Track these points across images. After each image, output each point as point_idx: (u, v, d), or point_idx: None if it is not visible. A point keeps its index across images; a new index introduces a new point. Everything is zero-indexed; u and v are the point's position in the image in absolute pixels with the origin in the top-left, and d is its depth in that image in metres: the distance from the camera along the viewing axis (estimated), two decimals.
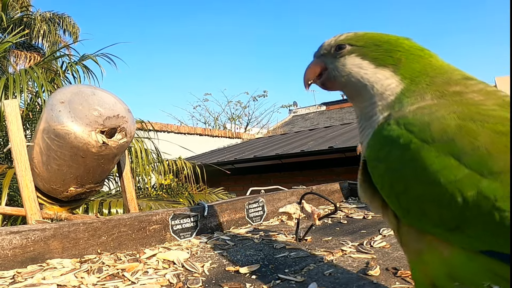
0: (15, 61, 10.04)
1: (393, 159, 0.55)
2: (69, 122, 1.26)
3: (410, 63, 0.63)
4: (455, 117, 0.52)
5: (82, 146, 1.26)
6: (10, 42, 5.52)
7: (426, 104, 0.57)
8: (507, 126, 0.49)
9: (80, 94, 1.35)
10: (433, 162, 0.50)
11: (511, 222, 0.44)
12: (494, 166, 0.46)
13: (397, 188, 0.54)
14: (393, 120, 0.58)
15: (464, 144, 0.49)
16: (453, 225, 0.49)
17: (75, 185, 1.42)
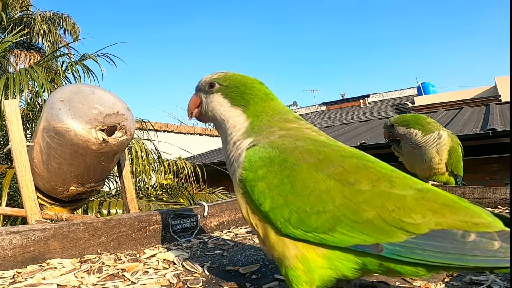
0: (15, 61, 10.03)
1: (271, 176, 0.65)
2: (69, 120, 1.26)
3: (255, 104, 0.79)
4: (311, 143, 0.68)
5: (82, 143, 1.26)
6: (10, 42, 5.51)
7: (284, 134, 0.72)
8: (347, 152, 0.67)
9: (80, 93, 1.35)
10: (307, 176, 0.63)
11: None
12: (350, 178, 0.61)
13: (278, 202, 0.63)
14: (265, 144, 0.69)
15: (328, 163, 0.64)
16: (326, 228, 0.60)
17: (75, 184, 1.42)
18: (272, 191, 0.64)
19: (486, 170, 4.59)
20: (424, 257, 0.56)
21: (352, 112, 17.19)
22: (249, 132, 0.76)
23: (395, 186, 0.61)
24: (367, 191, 0.60)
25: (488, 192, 1.75)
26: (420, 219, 0.57)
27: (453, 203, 0.60)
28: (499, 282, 0.78)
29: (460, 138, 1.98)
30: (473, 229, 0.56)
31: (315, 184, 0.62)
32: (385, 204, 0.59)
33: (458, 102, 11.24)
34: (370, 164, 0.64)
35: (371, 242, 0.58)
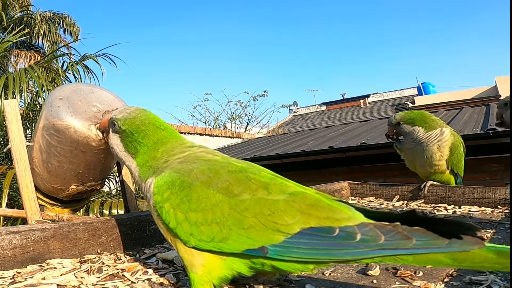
0: (15, 61, 10.03)
1: (174, 197, 0.73)
2: (68, 117, 1.26)
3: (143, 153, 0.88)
4: (204, 163, 0.77)
5: (82, 140, 1.26)
6: (10, 42, 5.51)
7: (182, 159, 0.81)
8: (234, 167, 0.76)
9: (79, 91, 1.35)
10: (200, 193, 0.72)
11: None
12: (234, 190, 0.70)
13: (180, 219, 0.72)
14: (168, 170, 0.79)
15: (217, 179, 0.73)
16: (221, 237, 0.68)
17: (76, 183, 1.42)
18: (175, 210, 0.72)
19: (486, 170, 4.59)
20: (300, 254, 0.64)
21: (352, 112, 17.19)
22: (149, 174, 0.84)
23: (271, 192, 0.69)
24: (248, 200, 0.69)
25: (488, 192, 1.75)
26: (291, 219, 0.65)
27: (317, 202, 0.68)
28: (498, 282, 0.78)
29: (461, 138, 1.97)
30: (336, 224, 0.63)
31: (207, 199, 0.71)
32: (262, 210, 0.67)
33: (458, 102, 11.25)
34: (252, 176, 0.73)
35: (257, 245, 0.66)
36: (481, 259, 0.57)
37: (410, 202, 1.90)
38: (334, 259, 0.64)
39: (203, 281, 0.72)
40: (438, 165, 1.84)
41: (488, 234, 1.21)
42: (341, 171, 5.50)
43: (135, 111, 0.92)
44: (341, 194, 2.07)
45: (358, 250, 0.61)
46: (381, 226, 0.62)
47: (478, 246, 0.56)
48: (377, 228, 0.62)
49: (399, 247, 0.59)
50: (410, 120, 1.82)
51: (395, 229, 0.61)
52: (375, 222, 0.63)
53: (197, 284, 0.72)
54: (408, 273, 0.86)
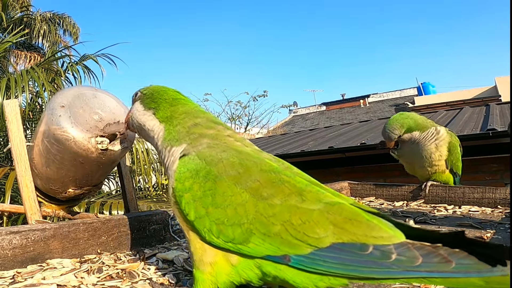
0: (15, 61, 10.03)
1: (196, 188, 0.69)
2: (69, 128, 1.26)
3: (164, 109, 0.85)
4: (236, 156, 0.71)
5: (82, 152, 1.26)
6: (10, 42, 5.52)
7: (212, 144, 0.76)
8: (267, 166, 0.70)
9: (81, 96, 1.34)
10: (226, 189, 0.67)
11: None
12: (264, 193, 0.65)
13: (200, 213, 0.68)
14: (194, 155, 0.73)
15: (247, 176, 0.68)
16: (242, 239, 0.64)
17: (73, 187, 1.42)
18: (196, 202, 0.68)
19: (486, 170, 4.59)
20: (325, 268, 0.60)
21: (352, 112, 17.19)
22: (171, 138, 0.81)
23: (305, 200, 0.65)
24: (278, 205, 0.64)
25: (488, 192, 1.75)
26: (323, 233, 0.61)
27: (355, 217, 0.63)
28: None
29: (460, 138, 1.97)
30: (371, 242, 0.59)
31: (232, 197, 0.66)
32: (292, 219, 0.63)
33: (458, 102, 11.25)
34: (286, 179, 0.68)
35: (280, 253, 0.63)
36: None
37: (410, 202, 1.90)
38: (361, 276, 0.59)
39: (208, 283, 0.69)
40: (438, 165, 1.84)
41: (488, 234, 1.21)
42: (341, 171, 5.51)
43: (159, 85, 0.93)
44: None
45: (389, 269, 0.57)
46: (420, 247, 0.58)
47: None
48: (416, 249, 0.57)
49: (436, 270, 0.55)
50: (408, 129, 1.82)
51: (436, 251, 0.57)
52: (414, 242, 0.59)
53: (201, 285, 0.69)
54: None
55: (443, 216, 1.59)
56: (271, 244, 0.63)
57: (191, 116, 0.83)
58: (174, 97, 0.87)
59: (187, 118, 0.82)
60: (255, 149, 0.78)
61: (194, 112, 0.84)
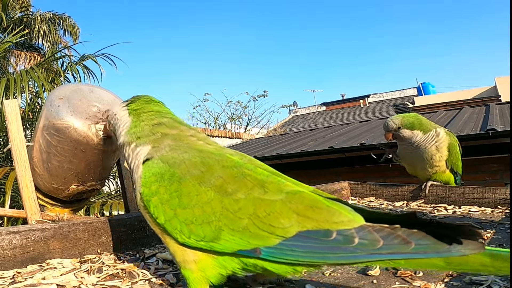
0: (15, 61, 10.02)
1: (163, 191, 0.70)
2: (68, 117, 1.26)
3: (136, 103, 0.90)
4: (197, 155, 0.73)
5: (82, 139, 1.26)
6: (10, 42, 5.52)
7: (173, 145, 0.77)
8: (229, 162, 0.71)
9: (79, 91, 1.35)
10: (191, 189, 0.68)
11: None
12: (228, 188, 0.66)
13: (169, 215, 0.68)
14: (157, 159, 0.75)
15: (210, 174, 0.69)
16: (212, 237, 0.65)
17: (76, 183, 1.42)
18: (164, 205, 0.69)
19: (486, 170, 4.59)
20: (294, 257, 0.62)
21: (352, 112, 17.19)
22: (135, 131, 0.84)
23: (267, 191, 0.66)
24: (242, 199, 0.65)
25: (488, 192, 1.75)
26: (288, 222, 0.62)
27: (316, 204, 0.64)
28: (499, 282, 0.78)
29: (460, 138, 1.97)
30: (334, 227, 0.61)
31: (198, 197, 0.67)
32: (257, 211, 0.64)
33: (458, 102, 11.25)
34: (247, 172, 0.69)
35: (250, 247, 0.64)
36: (476, 263, 0.56)
37: (410, 202, 1.90)
38: (329, 263, 0.63)
39: (199, 280, 0.70)
40: (439, 165, 1.84)
41: (488, 235, 1.21)
42: (341, 171, 5.51)
43: None
44: (341, 194, 2.07)
45: (354, 254, 0.59)
46: (380, 229, 0.60)
47: (477, 251, 0.55)
48: (376, 231, 0.59)
49: (397, 252, 0.57)
50: (410, 125, 1.80)
51: (394, 232, 0.58)
52: (374, 225, 0.61)
53: (193, 283, 0.70)
54: (408, 273, 0.86)
55: (443, 216, 1.59)
56: (241, 239, 0.64)
57: (158, 115, 0.85)
58: (152, 99, 0.92)
59: (154, 116, 0.85)
60: (218, 147, 0.80)
61: (162, 112, 0.87)
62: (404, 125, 1.80)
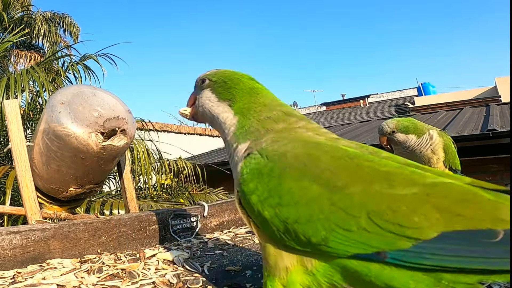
0: (15, 61, 10.03)
1: (261, 189, 0.61)
2: (69, 124, 1.26)
3: (240, 99, 0.76)
4: (301, 147, 0.63)
5: (82, 147, 1.26)
6: (10, 42, 5.52)
7: (276, 137, 0.68)
8: (340, 152, 0.61)
9: (81, 94, 1.35)
10: (292, 185, 0.59)
11: None
12: (338, 182, 0.56)
13: (269, 215, 0.60)
14: (256, 153, 0.66)
15: (315, 167, 0.59)
16: (320, 238, 0.55)
17: (74, 186, 1.42)
18: (263, 204, 0.61)
19: (486, 170, 4.58)
20: (437, 262, 0.49)
21: (352, 112, 17.18)
22: (241, 133, 0.73)
23: (394, 185, 0.54)
24: (357, 194, 0.54)
25: None
26: (424, 221, 0.50)
27: (470, 196, 0.51)
28: (499, 282, 0.78)
29: (460, 138, 1.98)
30: (500, 226, 0.47)
31: (301, 192, 0.58)
32: (378, 208, 0.52)
33: (458, 102, 11.24)
34: (366, 164, 0.58)
35: (371, 250, 0.52)
36: None
37: None
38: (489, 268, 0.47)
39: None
40: (437, 167, 1.84)
41: None
42: None
43: (221, 69, 0.84)
44: None
45: None
46: None
47: None
48: None
49: None
50: (404, 129, 1.80)
51: None
52: None
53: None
54: None
55: None
56: (357, 241, 0.53)
57: (266, 110, 0.74)
58: (251, 86, 0.78)
59: (263, 111, 0.74)
60: (330, 137, 0.68)
61: (270, 104, 0.75)
62: (398, 129, 1.80)
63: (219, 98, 0.79)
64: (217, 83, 0.80)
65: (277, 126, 0.71)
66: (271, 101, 0.76)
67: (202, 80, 0.83)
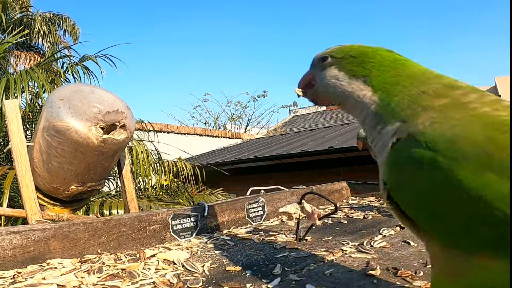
0: (15, 62, 10.03)
1: (422, 182, 0.51)
2: (68, 118, 1.26)
3: (381, 73, 0.64)
4: (479, 131, 0.48)
5: (82, 141, 1.26)
6: (10, 43, 5.52)
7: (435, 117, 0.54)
8: None
9: (79, 92, 1.35)
10: (471, 180, 0.46)
11: None
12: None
13: (428, 213, 0.51)
14: (410, 137, 0.54)
15: (501, 157, 0.45)
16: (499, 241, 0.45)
17: (76, 184, 1.42)
18: (420, 200, 0.52)
19: None
20: None
21: None
22: (385, 113, 0.61)
23: None
24: None
25: None
26: None
27: None
28: None
29: None
30: None
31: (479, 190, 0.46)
32: None
33: None
34: None
35: None
36: None
37: None
38: None
39: None
40: None
41: None
42: (341, 171, 5.51)
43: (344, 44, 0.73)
44: (341, 194, 2.07)
45: None
46: None
47: None
48: None
49: None
50: None
51: None
52: None
53: None
54: (408, 273, 0.86)
55: None
56: None
57: (418, 83, 0.60)
58: (392, 58, 0.66)
59: (413, 85, 0.60)
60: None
61: (423, 77, 0.62)
62: None
63: (350, 75, 0.68)
64: (344, 59, 0.69)
65: (436, 102, 0.56)
66: (423, 73, 0.63)
67: (322, 58, 0.72)
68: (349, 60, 0.69)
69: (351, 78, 0.68)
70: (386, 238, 1.18)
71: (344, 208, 1.78)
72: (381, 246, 1.09)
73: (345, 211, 1.71)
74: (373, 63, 0.66)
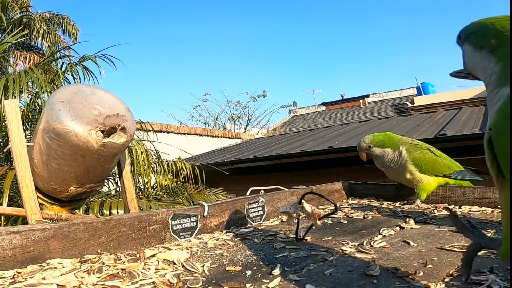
0: (14, 62, 10.02)
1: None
2: (68, 121, 1.26)
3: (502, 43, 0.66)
4: None
5: (82, 145, 1.26)
6: (9, 43, 5.52)
7: None
8: None
9: (80, 93, 1.35)
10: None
11: None
12: None
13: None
14: None
15: None
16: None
17: (75, 185, 1.42)
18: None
19: (486, 170, 4.58)
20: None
21: (351, 112, 17.20)
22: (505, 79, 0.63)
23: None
24: None
25: (488, 192, 1.75)
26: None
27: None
28: (499, 282, 0.78)
29: (460, 137, 1.98)
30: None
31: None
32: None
33: (457, 102, 11.26)
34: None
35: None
36: None
37: (411, 202, 1.90)
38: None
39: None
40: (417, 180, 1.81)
41: (489, 234, 1.21)
42: (341, 171, 5.51)
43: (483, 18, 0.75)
44: (341, 194, 2.07)
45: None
46: None
47: None
48: None
49: None
50: (380, 143, 1.83)
51: None
52: None
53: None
54: (408, 273, 0.86)
55: (444, 216, 1.59)
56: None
57: None
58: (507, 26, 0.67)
59: None
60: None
61: None
62: (374, 144, 1.84)
63: (475, 49, 0.73)
64: (472, 34, 0.74)
65: None
66: None
67: (458, 37, 0.78)
68: (474, 34, 0.73)
69: (475, 51, 0.72)
70: (386, 238, 1.18)
71: (344, 208, 1.78)
72: (381, 246, 1.09)
73: (345, 211, 1.71)
74: (492, 35, 0.68)
